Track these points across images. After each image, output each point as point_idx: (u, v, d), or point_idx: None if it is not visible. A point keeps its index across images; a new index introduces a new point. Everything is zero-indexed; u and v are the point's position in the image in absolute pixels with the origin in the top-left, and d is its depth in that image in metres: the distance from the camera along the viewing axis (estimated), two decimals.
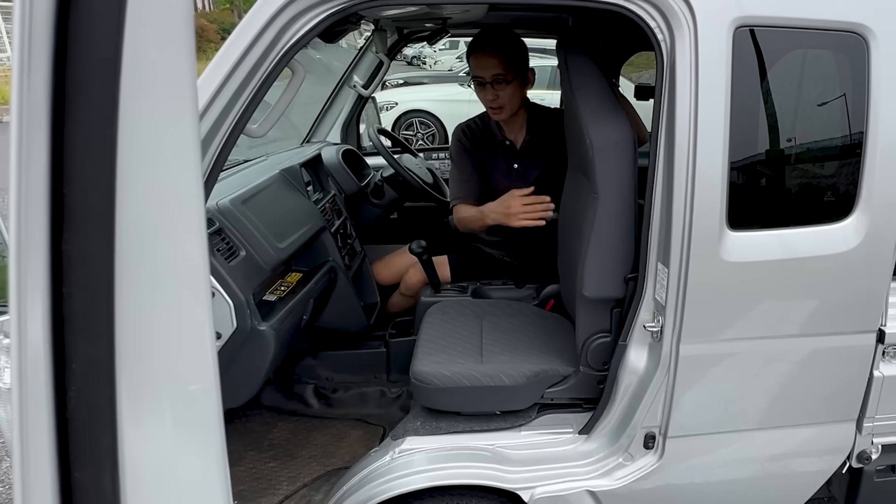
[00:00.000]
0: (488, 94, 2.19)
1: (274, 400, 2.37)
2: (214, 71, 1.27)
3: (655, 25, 1.34)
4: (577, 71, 1.64)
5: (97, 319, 0.58)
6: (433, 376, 1.67)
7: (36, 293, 0.56)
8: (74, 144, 0.54)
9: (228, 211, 1.80)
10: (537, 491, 1.55)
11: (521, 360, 1.73)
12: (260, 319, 1.75)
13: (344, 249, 2.45)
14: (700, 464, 1.59)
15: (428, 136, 9.05)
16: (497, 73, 2.13)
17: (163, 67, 0.61)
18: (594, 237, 1.55)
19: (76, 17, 0.52)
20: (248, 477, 2.00)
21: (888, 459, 1.66)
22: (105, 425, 0.61)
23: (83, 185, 0.55)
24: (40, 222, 0.55)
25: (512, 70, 2.15)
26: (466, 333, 1.91)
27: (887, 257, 1.44)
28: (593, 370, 1.66)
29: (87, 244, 0.56)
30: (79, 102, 0.54)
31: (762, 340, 1.48)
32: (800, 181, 1.47)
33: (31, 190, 0.54)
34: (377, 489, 1.53)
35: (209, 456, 0.72)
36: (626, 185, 1.53)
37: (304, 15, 1.30)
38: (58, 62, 0.53)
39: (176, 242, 0.65)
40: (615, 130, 1.54)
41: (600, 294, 1.60)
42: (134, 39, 0.56)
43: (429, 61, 18.48)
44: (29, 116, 0.53)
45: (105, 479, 0.61)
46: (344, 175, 2.76)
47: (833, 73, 1.40)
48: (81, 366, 0.58)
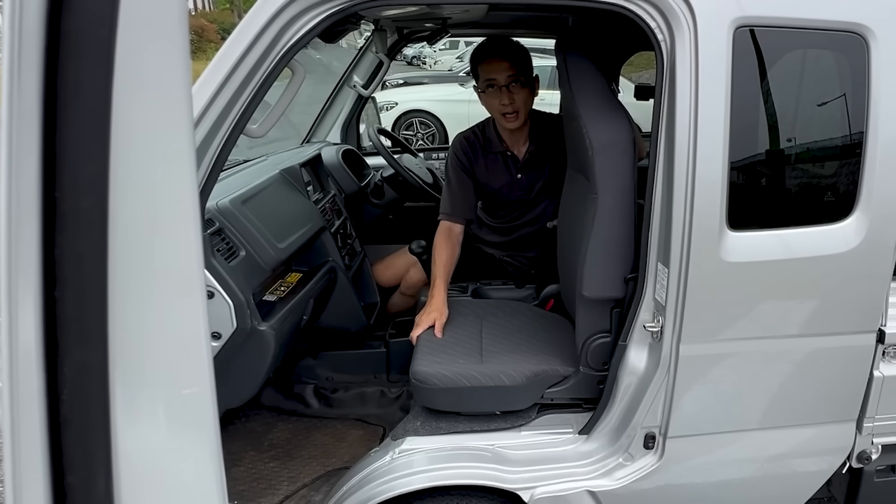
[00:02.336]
0: (503, 99, 2.12)
1: (274, 400, 2.37)
2: (214, 71, 1.27)
3: (655, 25, 1.34)
4: (576, 72, 1.64)
5: (90, 323, 0.58)
6: (433, 376, 1.67)
7: (28, 296, 0.56)
8: (67, 146, 0.54)
9: (228, 211, 1.80)
10: (537, 491, 1.55)
11: (521, 360, 1.73)
12: (260, 319, 1.75)
13: (344, 249, 2.45)
14: (700, 464, 1.59)
15: (428, 136, 9.04)
16: (511, 75, 2.11)
17: (156, 68, 0.60)
18: (594, 237, 1.55)
19: (68, 18, 0.52)
20: (248, 477, 2.00)
21: (888, 459, 1.66)
22: (98, 429, 0.60)
23: (76, 187, 0.55)
24: (32, 225, 0.55)
25: (522, 75, 2.13)
26: (466, 333, 1.91)
27: (887, 257, 1.44)
28: (593, 370, 1.66)
29: (79, 247, 0.56)
30: (71, 104, 0.53)
31: (762, 340, 1.48)
32: (800, 181, 1.47)
33: (22, 193, 0.54)
34: (377, 489, 1.53)
35: (204, 460, 0.71)
36: (626, 185, 1.53)
37: (304, 15, 1.30)
38: (49, 63, 0.53)
39: (170, 245, 0.65)
40: (615, 130, 1.54)
41: (600, 294, 1.60)
42: (127, 40, 0.55)
43: (429, 61, 18.48)
44: (20, 119, 0.53)
45: (98, 484, 0.61)
46: (344, 175, 2.76)
47: (833, 73, 1.40)
48: (74, 370, 0.58)
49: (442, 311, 1.98)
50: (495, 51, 2.14)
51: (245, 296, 1.69)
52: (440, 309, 1.98)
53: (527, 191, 2.34)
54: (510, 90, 2.11)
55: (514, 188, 2.34)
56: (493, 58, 2.13)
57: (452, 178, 2.31)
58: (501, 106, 2.14)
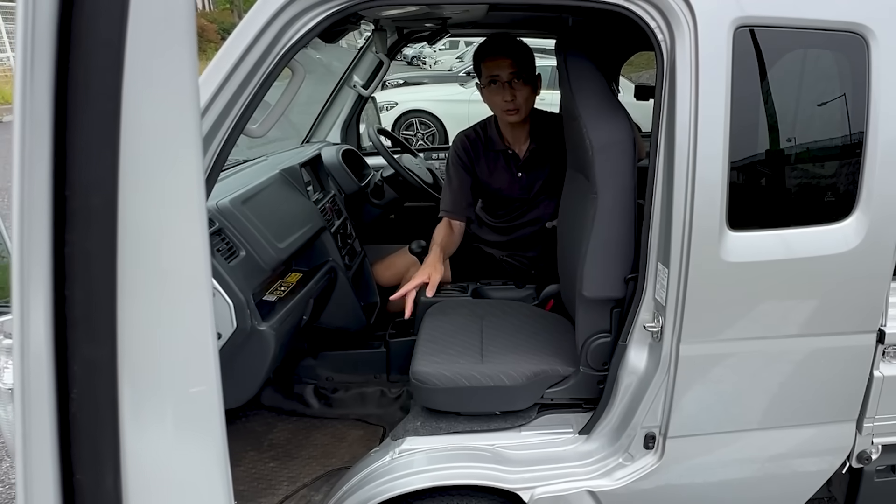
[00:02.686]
0: (505, 95, 2.15)
1: (274, 400, 2.37)
2: (214, 71, 1.27)
3: (655, 25, 1.34)
4: (576, 72, 1.64)
5: (99, 321, 0.58)
6: (433, 376, 1.67)
7: (38, 295, 0.56)
8: (77, 146, 0.54)
9: (228, 211, 1.80)
10: (537, 491, 1.55)
11: (521, 360, 1.73)
12: (260, 319, 1.75)
13: (344, 249, 2.45)
14: (700, 464, 1.59)
15: (428, 136, 9.05)
16: (513, 72, 2.13)
17: (165, 69, 0.61)
18: (594, 237, 1.55)
19: (79, 19, 0.52)
20: (248, 477, 2.00)
21: (888, 459, 1.66)
22: (107, 427, 0.61)
23: (85, 186, 0.55)
24: (43, 224, 0.55)
25: (525, 72, 2.15)
26: (466, 333, 1.91)
27: (887, 257, 1.44)
28: (593, 370, 1.66)
29: (89, 246, 0.56)
30: (81, 104, 0.54)
31: (762, 340, 1.48)
32: (800, 181, 1.47)
33: (33, 192, 0.54)
34: (377, 489, 1.53)
35: (211, 457, 0.72)
36: (626, 185, 1.53)
37: (304, 15, 1.30)
38: (60, 64, 0.53)
39: (178, 244, 0.65)
40: (615, 130, 1.54)
41: (600, 294, 1.60)
42: (136, 41, 0.56)
43: (429, 61, 18.49)
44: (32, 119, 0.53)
45: (107, 482, 0.61)
46: (344, 175, 2.76)
47: (833, 73, 1.40)
48: (83, 367, 0.58)
49: (436, 268, 1.97)
50: (498, 48, 2.16)
51: (245, 296, 1.69)
52: (434, 265, 1.98)
53: (527, 189, 2.34)
54: (512, 87, 2.13)
55: (515, 187, 2.35)
56: (497, 55, 2.15)
57: (453, 177, 2.33)
58: (504, 102, 2.17)
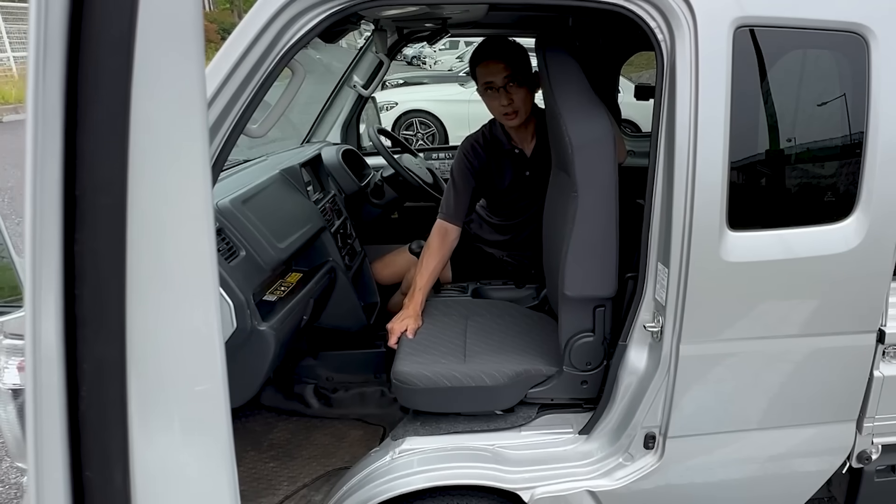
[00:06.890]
0: (502, 100, 2.14)
1: (274, 400, 2.37)
2: (214, 71, 1.27)
3: (655, 25, 1.34)
4: (556, 69, 1.62)
5: (109, 319, 0.59)
6: (414, 377, 1.66)
7: (49, 294, 0.57)
8: (87, 146, 0.54)
9: (228, 211, 1.80)
10: (537, 491, 1.55)
11: (503, 360, 1.72)
12: (260, 319, 1.75)
13: (344, 249, 2.45)
14: (700, 464, 1.59)
15: (428, 136, 9.04)
16: (507, 75, 2.12)
17: (173, 69, 0.61)
18: (575, 235, 1.55)
19: (89, 21, 0.53)
20: (248, 477, 2.00)
21: (888, 459, 1.66)
22: (116, 425, 0.61)
23: (95, 186, 0.55)
24: (54, 224, 0.56)
25: (520, 74, 2.14)
26: (451, 333, 1.90)
27: (887, 257, 1.44)
28: (576, 370, 1.66)
29: (98, 245, 0.57)
30: (91, 105, 0.54)
31: (762, 340, 1.49)
32: (800, 181, 1.47)
33: (45, 192, 0.55)
34: (377, 489, 1.53)
35: (217, 455, 0.72)
36: (607, 183, 1.52)
37: (304, 15, 1.30)
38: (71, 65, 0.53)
39: (185, 244, 0.65)
40: (595, 128, 1.53)
41: (582, 293, 1.59)
42: (145, 41, 0.56)
43: (429, 61, 18.48)
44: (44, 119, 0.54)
45: (116, 479, 0.62)
46: (344, 175, 2.76)
47: (833, 73, 1.40)
48: (93, 366, 0.58)
49: (416, 319, 1.99)
50: (490, 52, 2.15)
51: (245, 296, 1.69)
52: (414, 316, 1.99)
53: (534, 188, 2.34)
54: (508, 90, 2.13)
55: (522, 186, 2.35)
56: (489, 59, 2.14)
57: (458, 180, 2.32)
58: (501, 107, 2.16)
